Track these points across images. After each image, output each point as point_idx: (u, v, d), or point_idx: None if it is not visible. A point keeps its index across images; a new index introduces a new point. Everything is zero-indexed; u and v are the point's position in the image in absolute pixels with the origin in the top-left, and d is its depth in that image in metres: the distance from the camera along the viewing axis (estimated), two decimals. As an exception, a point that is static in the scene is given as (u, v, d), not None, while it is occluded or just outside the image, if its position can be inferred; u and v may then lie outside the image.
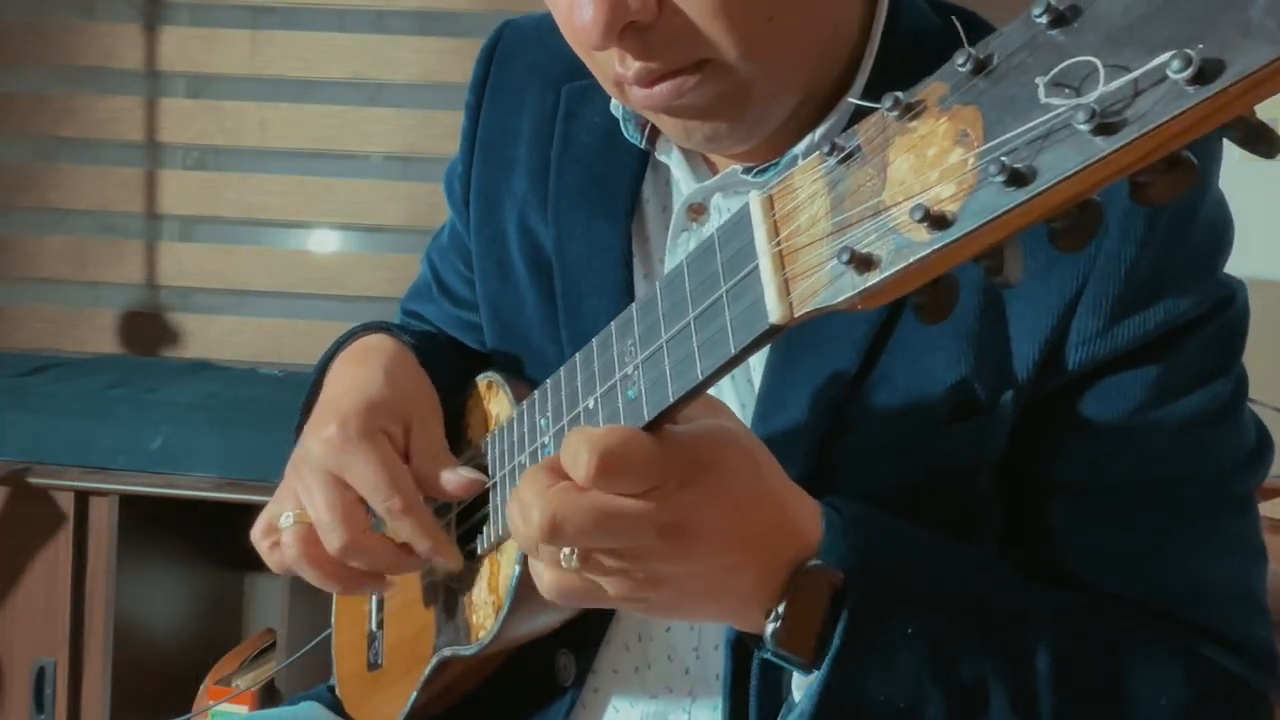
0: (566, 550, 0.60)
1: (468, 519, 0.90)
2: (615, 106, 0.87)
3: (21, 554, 1.97)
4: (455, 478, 0.84)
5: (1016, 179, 0.39)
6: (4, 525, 1.97)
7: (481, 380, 0.94)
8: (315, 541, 0.82)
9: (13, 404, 2.05)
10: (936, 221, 0.41)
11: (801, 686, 0.71)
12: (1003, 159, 0.39)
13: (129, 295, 2.50)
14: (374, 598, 1.01)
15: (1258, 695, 0.79)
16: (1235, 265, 0.79)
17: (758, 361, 0.83)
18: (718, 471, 0.62)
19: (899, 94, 0.45)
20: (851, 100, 0.52)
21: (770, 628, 0.66)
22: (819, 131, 0.78)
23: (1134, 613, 0.76)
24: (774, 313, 0.49)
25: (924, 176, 0.43)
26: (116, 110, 2.46)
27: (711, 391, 0.82)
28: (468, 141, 1.00)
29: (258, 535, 0.87)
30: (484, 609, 0.85)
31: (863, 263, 0.44)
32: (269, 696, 2.00)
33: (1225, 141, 0.39)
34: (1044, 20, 0.40)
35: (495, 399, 0.91)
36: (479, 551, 0.86)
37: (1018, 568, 0.78)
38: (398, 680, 0.95)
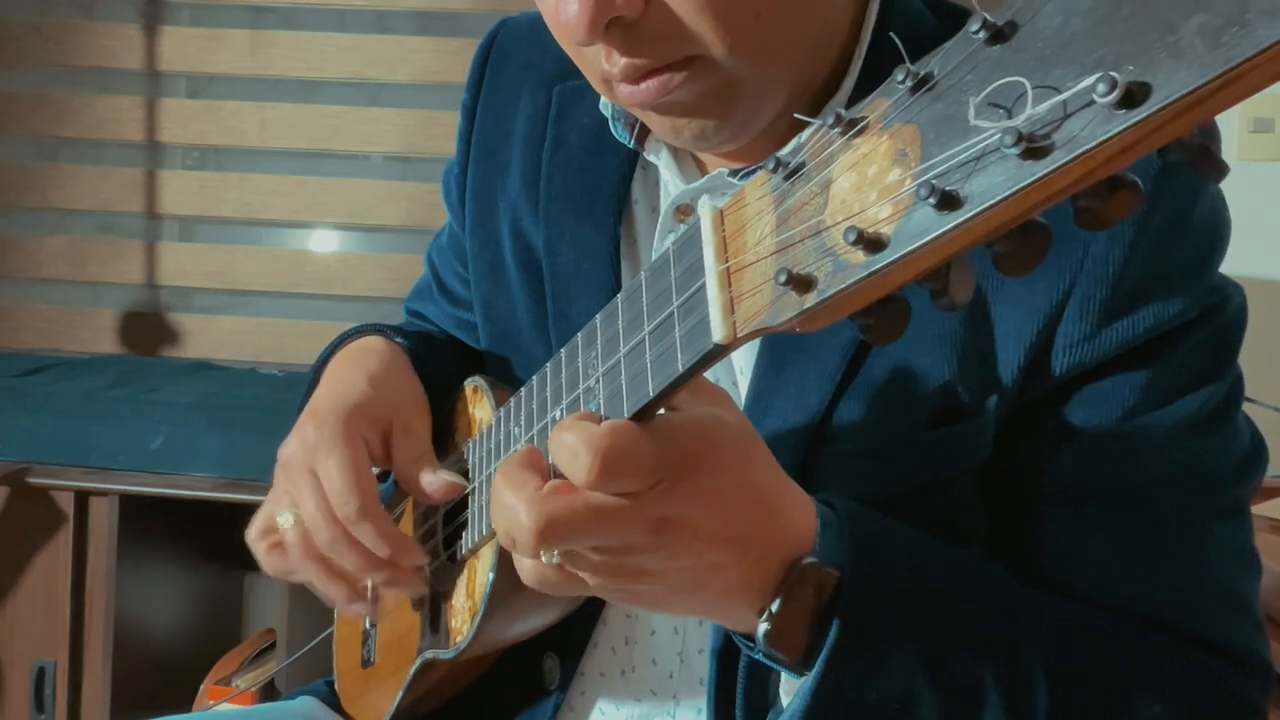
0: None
1: (453, 523, 0.90)
2: (604, 105, 0.87)
3: (21, 554, 1.98)
4: (435, 480, 0.85)
5: (948, 202, 0.38)
6: (4, 525, 1.97)
7: (468, 384, 0.94)
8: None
9: (13, 404, 2.05)
10: (871, 244, 0.40)
11: (790, 691, 0.70)
12: (933, 181, 0.38)
13: (129, 295, 2.51)
14: (370, 595, 1.02)
15: (1251, 704, 0.78)
16: (1235, 266, 0.78)
17: (744, 366, 0.82)
18: (707, 466, 0.59)
19: (841, 110, 0.44)
20: (797, 116, 0.51)
21: (763, 628, 0.64)
22: (805, 135, 0.77)
23: (1125, 620, 0.75)
24: (718, 332, 0.48)
25: (864, 196, 0.41)
26: (116, 110, 2.46)
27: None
28: (464, 143, 1.00)
29: (254, 536, 0.87)
30: (462, 614, 0.85)
31: (801, 284, 0.43)
32: (269, 696, 1.99)
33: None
34: (981, 36, 0.39)
35: (479, 404, 0.91)
36: (459, 556, 0.86)
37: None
38: (387, 679, 0.96)
